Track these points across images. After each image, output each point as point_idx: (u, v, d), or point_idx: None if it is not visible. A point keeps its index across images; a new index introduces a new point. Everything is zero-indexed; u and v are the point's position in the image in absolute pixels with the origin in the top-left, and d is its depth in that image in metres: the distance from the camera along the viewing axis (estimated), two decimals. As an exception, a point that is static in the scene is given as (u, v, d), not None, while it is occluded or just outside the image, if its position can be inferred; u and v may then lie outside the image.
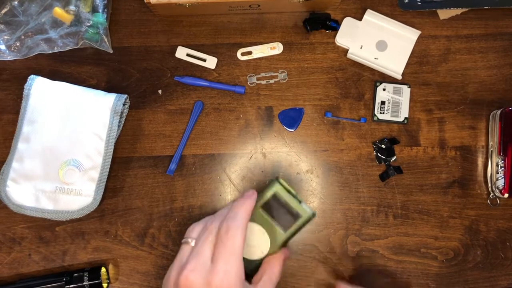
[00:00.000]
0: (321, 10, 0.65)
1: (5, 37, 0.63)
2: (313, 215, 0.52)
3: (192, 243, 0.48)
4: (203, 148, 0.64)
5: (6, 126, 0.63)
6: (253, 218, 0.53)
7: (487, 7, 0.65)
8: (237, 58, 0.65)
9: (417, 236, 0.63)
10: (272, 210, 0.53)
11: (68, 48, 0.63)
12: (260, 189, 0.58)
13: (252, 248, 0.53)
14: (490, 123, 0.64)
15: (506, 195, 0.61)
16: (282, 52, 0.65)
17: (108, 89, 0.64)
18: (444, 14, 0.66)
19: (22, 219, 0.62)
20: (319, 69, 0.65)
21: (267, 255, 0.53)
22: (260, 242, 0.52)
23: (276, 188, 0.53)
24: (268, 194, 0.53)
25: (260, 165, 0.64)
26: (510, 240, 0.63)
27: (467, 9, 0.66)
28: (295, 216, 0.53)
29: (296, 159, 0.64)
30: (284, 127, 0.64)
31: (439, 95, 0.65)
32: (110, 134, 0.60)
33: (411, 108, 0.65)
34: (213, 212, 0.63)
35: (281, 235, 0.53)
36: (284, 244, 0.54)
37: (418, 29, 0.65)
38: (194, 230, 0.50)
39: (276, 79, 0.65)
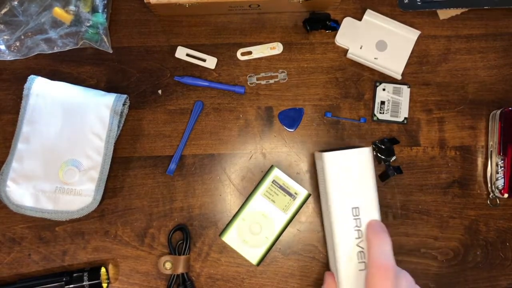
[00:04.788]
0: (321, 10, 0.65)
1: (5, 37, 0.63)
2: (309, 194, 0.61)
3: None
4: (203, 148, 0.64)
5: (6, 126, 0.63)
6: (254, 206, 0.59)
7: (487, 7, 0.65)
8: (237, 58, 0.65)
9: (417, 236, 0.63)
10: (272, 195, 0.60)
11: (68, 48, 0.63)
12: (259, 180, 0.60)
13: (256, 236, 0.59)
14: (490, 123, 0.64)
15: (506, 195, 0.61)
16: (282, 52, 0.65)
17: (108, 89, 0.64)
18: (444, 14, 0.66)
19: (22, 219, 0.62)
20: (319, 69, 0.65)
21: (272, 241, 0.60)
22: (263, 229, 0.58)
23: (275, 174, 0.61)
24: (268, 179, 0.61)
25: (260, 165, 0.64)
26: (510, 240, 0.63)
27: (467, 9, 0.66)
28: (293, 197, 0.60)
29: (296, 159, 0.64)
30: (284, 127, 0.64)
31: (439, 95, 0.65)
32: (110, 134, 0.60)
33: (411, 108, 0.65)
34: (212, 212, 0.63)
35: (283, 216, 0.60)
36: (286, 226, 0.61)
37: (418, 29, 0.65)
38: None
39: (276, 79, 0.65)
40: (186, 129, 0.64)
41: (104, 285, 0.60)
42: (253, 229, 0.60)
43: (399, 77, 0.64)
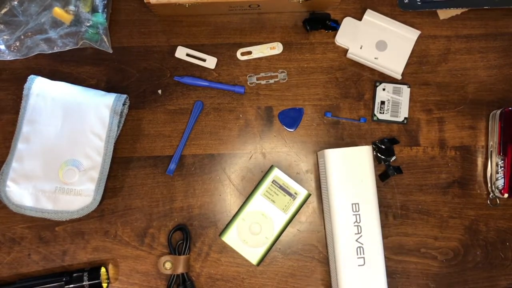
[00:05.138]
0: (321, 10, 0.65)
1: (5, 37, 0.63)
2: (309, 194, 0.61)
3: None
4: (203, 148, 0.64)
5: (6, 126, 0.63)
6: (254, 206, 0.59)
7: (487, 7, 0.65)
8: (237, 58, 0.65)
9: (417, 236, 0.63)
10: (272, 195, 0.61)
11: (68, 48, 0.63)
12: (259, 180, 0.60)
13: (256, 236, 0.59)
14: (490, 123, 0.64)
15: (506, 195, 0.61)
16: (282, 52, 0.65)
17: (108, 89, 0.64)
18: (444, 14, 0.66)
19: (22, 219, 0.62)
20: (319, 69, 0.65)
21: (272, 241, 0.60)
22: (263, 229, 0.58)
23: (275, 174, 0.61)
24: (268, 180, 0.61)
25: (260, 165, 0.64)
26: (510, 240, 0.63)
27: (467, 9, 0.66)
28: (293, 197, 0.60)
29: (296, 159, 0.64)
30: (284, 127, 0.64)
31: (439, 95, 0.65)
32: (109, 134, 0.60)
33: (410, 108, 0.65)
34: (212, 212, 0.63)
35: (283, 217, 0.61)
36: (286, 226, 0.61)
37: (418, 29, 0.65)
38: None
39: (276, 79, 0.65)
40: (186, 129, 0.64)
41: (104, 285, 0.60)
42: (253, 229, 0.60)
43: (399, 77, 0.64)
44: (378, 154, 0.63)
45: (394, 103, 0.64)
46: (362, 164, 0.56)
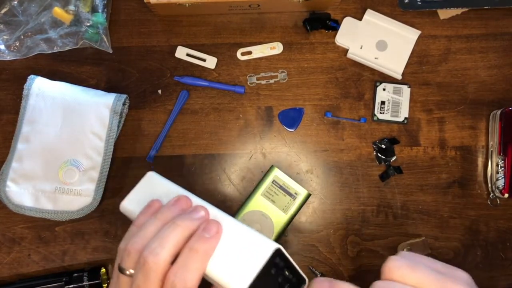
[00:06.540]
0: (321, 10, 0.65)
1: (5, 37, 0.63)
2: (309, 194, 0.61)
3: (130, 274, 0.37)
4: (203, 148, 0.64)
5: (6, 126, 0.63)
6: (254, 206, 0.59)
7: (487, 7, 0.65)
8: (237, 58, 0.65)
9: (417, 236, 0.63)
10: (272, 195, 0.60)
11: (67, 48, 0.63)
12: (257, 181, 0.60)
13: None
14: (490, 123, 0.64)
15: (506, 195, 0.61)
16: (282, 52, 0.65)
17: (107, 89, 0.64)
18: (444, 14, 0.66)
19: (22, 219, 0.62)
20: (319, 69, 0.65)
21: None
22: (263, 229, 0.59)
23: (275, 174, 0.61)
24: (268, 180, 0.61)
25: (260, 165, 0.64)
26: (510, 240, 0.63)
27: (467, 9, 0.66)
28: (293, 197, 0.60)
29: (296, 159, 0.64)
30: (284, 127, 0.64)
31: (439, 95, 0.65)
32: (109, 134, 0.60)
33: (411, 108, 0.65)
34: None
35: (283, 217, 0.60)
36: (286, 226, 0.61)
37: (418, 29, 0.65)
38: (132, 253, 0.37)
39: (276, 79, 0.65)
40: (169, 118, 0.64)
41: (105, 285, 0.60)
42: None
43: (399, 77, 0.64)
44: (378, 154, 0.63)
45: (394, 103, 0.64)
46: (159, 187, 0.47)
